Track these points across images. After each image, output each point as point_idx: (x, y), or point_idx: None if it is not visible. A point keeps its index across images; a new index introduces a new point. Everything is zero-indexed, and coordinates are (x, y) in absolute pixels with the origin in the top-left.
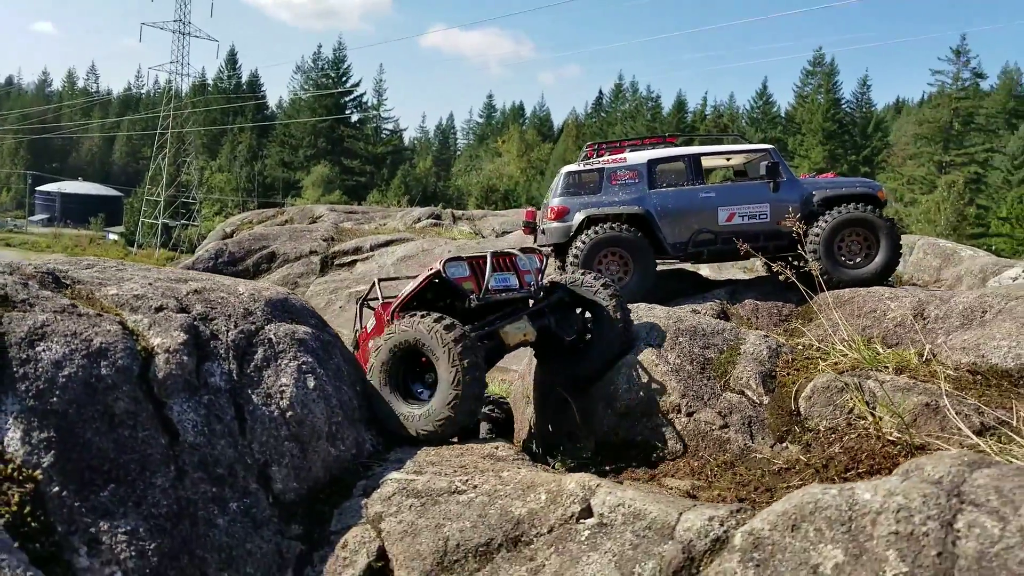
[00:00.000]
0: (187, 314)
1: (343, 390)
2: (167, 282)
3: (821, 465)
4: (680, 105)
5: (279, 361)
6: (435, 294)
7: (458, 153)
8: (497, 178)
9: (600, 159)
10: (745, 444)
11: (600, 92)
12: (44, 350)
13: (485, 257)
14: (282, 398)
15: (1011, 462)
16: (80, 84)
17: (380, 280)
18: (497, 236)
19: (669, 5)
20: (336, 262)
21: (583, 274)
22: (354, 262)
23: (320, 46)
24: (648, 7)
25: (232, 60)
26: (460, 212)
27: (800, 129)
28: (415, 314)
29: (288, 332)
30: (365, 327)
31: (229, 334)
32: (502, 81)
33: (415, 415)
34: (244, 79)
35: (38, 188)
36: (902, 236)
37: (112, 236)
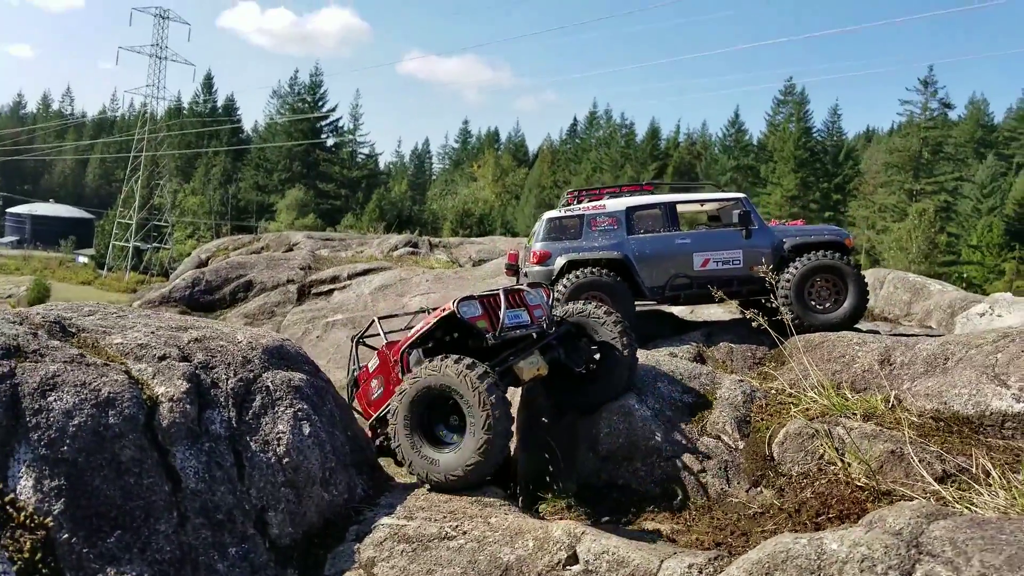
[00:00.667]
0: (189, 363)
1: (336, 435)
2: (169, 331)
3: (794, 510)
4: (654, 132)
5: (276, 408)
6: (444, 332)
7: (433, 177)
8: (472, 202)
9: (580, 205)
10: (722, 488)
11: (575, 119)
12: (55, 400)
13: (497, 295)
14: (279, 444)
15: (970, 509)
16: (55, 106)
17: (380, 318)
18: (474, 264)
19: (644, 34)
20: (313, 291)
21: (593, 306)
22: (331, 291)
23: (297, 71)
24: (624, 36)
25: (208, 84)
26: (437, 240)
27: (772, 157)
28: (443, 357)
29: (284, 379)
30: (366, 366)
31: (229, 382)
32: (478, 107)
33: (443, 460)
34: (220, 103)
35: (8, 210)
36: (874, 267)
37: (82, 259)
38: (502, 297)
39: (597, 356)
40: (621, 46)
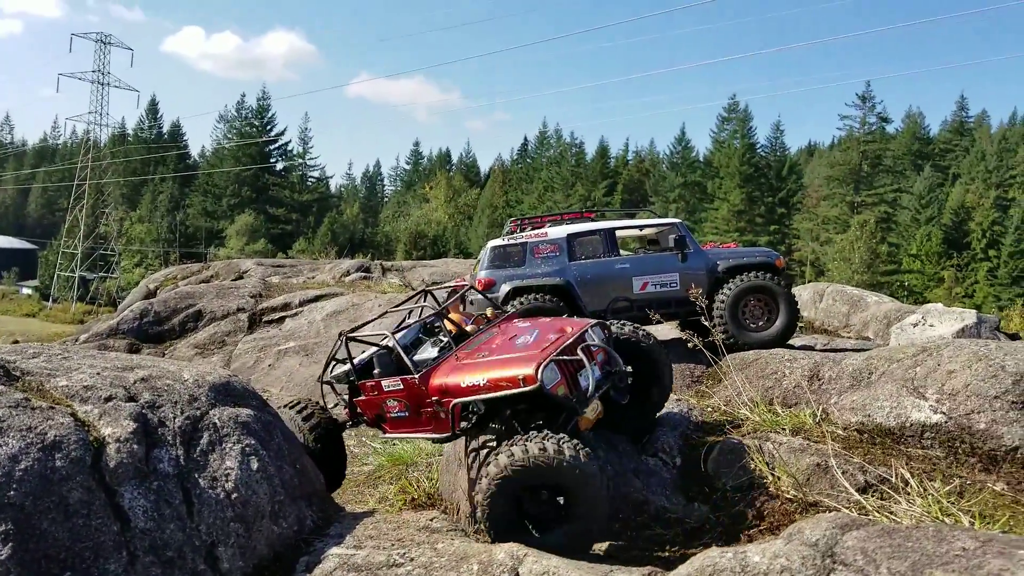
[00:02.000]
0: (135, 402)
1: (284, 469)
2: (114, 371)
3: (729, 523)
4: (603, 151)
5: (224, 444)
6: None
7: (386, 200)
8: (425, 224)
9: (523, 233)
10: (661, 505)
11: (525, 138)
12: (1, 445)
13: (577, 357)
14: (227, 480)
15: (889, 517)
16: None
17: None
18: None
19: (592, 54)
20: (264, 319)
21: (631, 327)
22: (283, 319)
23: (243, 95)
24: (571, 56)
25: (153, 110)
26: (390, 263)
27: (718, 173)
28: (543, 436)
29: (231, 416)
30: (378, 382)
31: (176, 420)
32: (429, 128)
33: (534, 542)
34: (165, 129)
35: None
36: (819, 278)
37: (26, 290)
38: (585, 362)
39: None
40: (569, 66)
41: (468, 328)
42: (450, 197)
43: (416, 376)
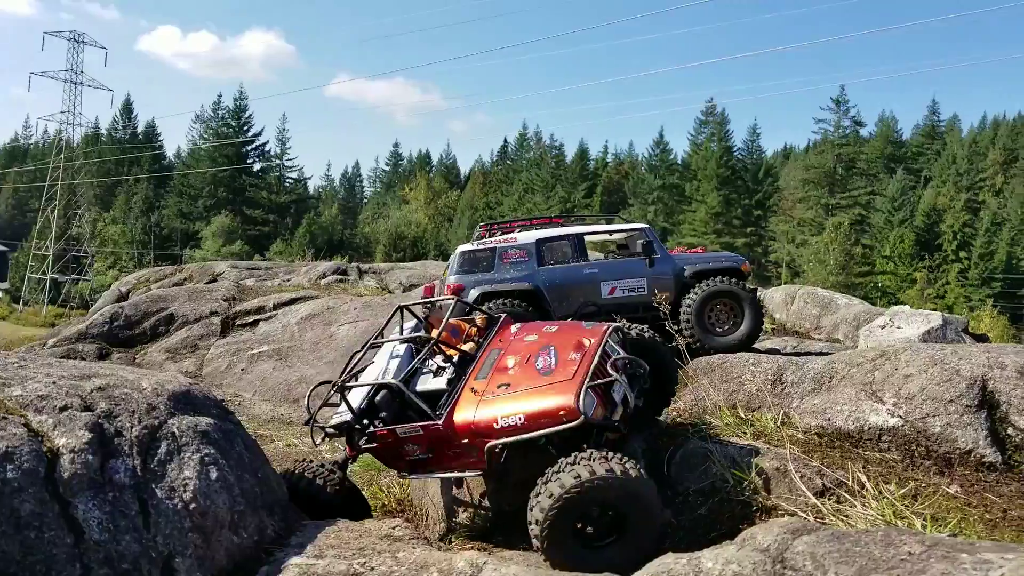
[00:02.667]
0: (91, 412)
1: (245, 478)
2: (71, 380)
3: (690, 527)
4: (583, 153)
5: (182, 454)
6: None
7: (365, 201)
8: (405, 225)
9: (492, 239)
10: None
11: (505, 140)
12: None
13: (611, 378)
14: (185, 491)
15: (844, 521)
16: None
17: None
18: (404, 290)
19: (571, 56)
20: (238, 323)
21: (641, 328)
22: (257, 322)
23: (220, 95)
24: (551, 58)
25: (127, 109)
26: (367, 266)
27: (696, 175)
28: (605, 456)
29: (191, 424)
30: (391, 430)
31: (133, 430)
32: (409, 129)
33: (594, 559)
34: (140, 129)
35: None
36: (794, 280)
37: None
38: (622, 383)
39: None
40: (550, 68)
41: (466, 347)
42: (430, 199)
43: (439, 422)
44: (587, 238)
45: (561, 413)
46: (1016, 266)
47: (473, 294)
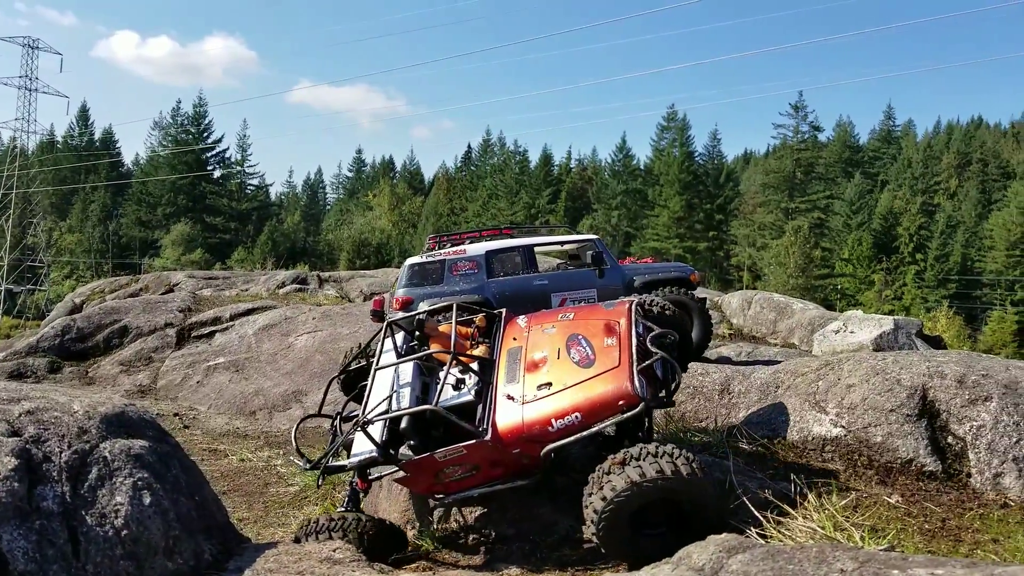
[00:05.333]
0: (19, 437)
1: (181, 502)
2: None
3: None
4: (546, 159)
5: (114, 479)
6: None
7: (328, 208)
8: (369, 232)
9: (442, 251)
10: (571, 525)
11: (469, 146)
12: None
13: (657, 355)
14: (117, 517)
15: (785, 535)
16: None
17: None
18: (365, 299)
19: (534, 63)
20: (194, 334)
21: (660, 305)
22: (213, 333)
23: (179, 101)
24: (515, 64)
25: (84, 116)
26: (327, 274)
27: (659, 180)
28: (669, 452)
29: (124, 448)
30: (431, 456)
31: (62, 455)
32: (372, 135)
33: (652, 551)
34: (97, 136)
35: None
36: (756, 283)
37: None
38: (675, 368)
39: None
40: (513, 74)
41: (479, 352)
42: (394, 205)
43: (487, 438)
44: (537, 250)
45: (620, 403)
46: (971, 267)
47: (422, 307)
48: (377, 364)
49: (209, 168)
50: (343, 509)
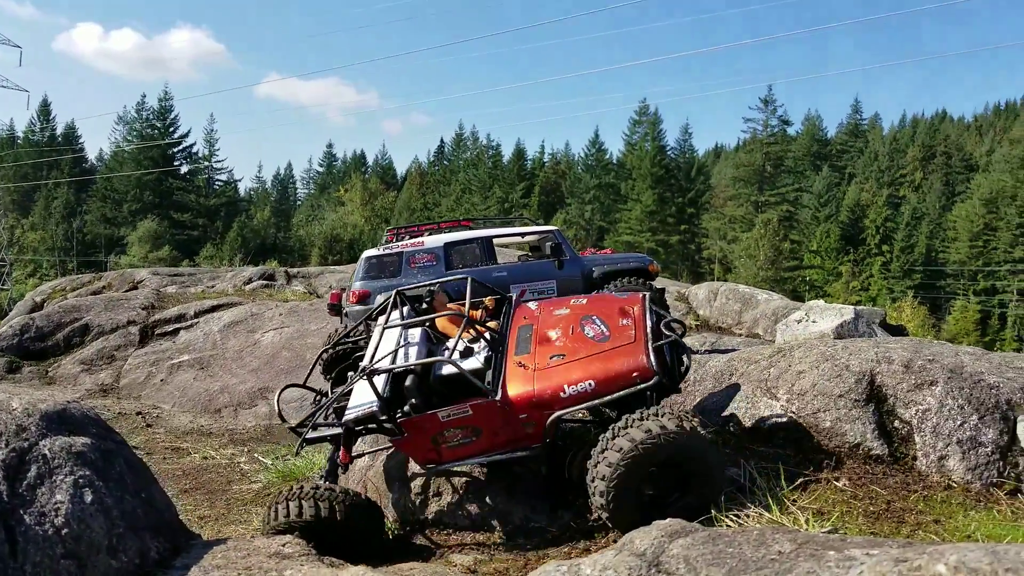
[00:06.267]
0: None
1: (125, 500)
2: None
3: (589, 531)
4: (519, 153)
5: (54, 477)
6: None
7: (298, 203)
8: (341, 227)
9: (399, 243)
10: (526, 515)
11: (442, 141)
12: None
13: (671, 336)
14: (57, 515)
15: (736, 519)
16: None
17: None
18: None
19: (507, 57)
20: (157, 332)
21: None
22: (177, 331)
23: (144, 95)
24: (487, 59)
25: (45, 111)
26: (296, 270)
27: (631, 175)
28: (666, 413)
29: (64, 446)
30: (434, 414)
31: None
32: (343, 129)
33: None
34: (60, 131)
35: None
36: (725, 276)
37: None
38: (667, 331)
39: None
40: (486, 68)
41: (491, 325)
42: (366, 200)
43: (496, 398)
44: (496, 242)
45: (635, 374)
46: (935, 258)
47: (379, 300)
48: (386, 324)
49: (176, 164)
50: (320, 478)
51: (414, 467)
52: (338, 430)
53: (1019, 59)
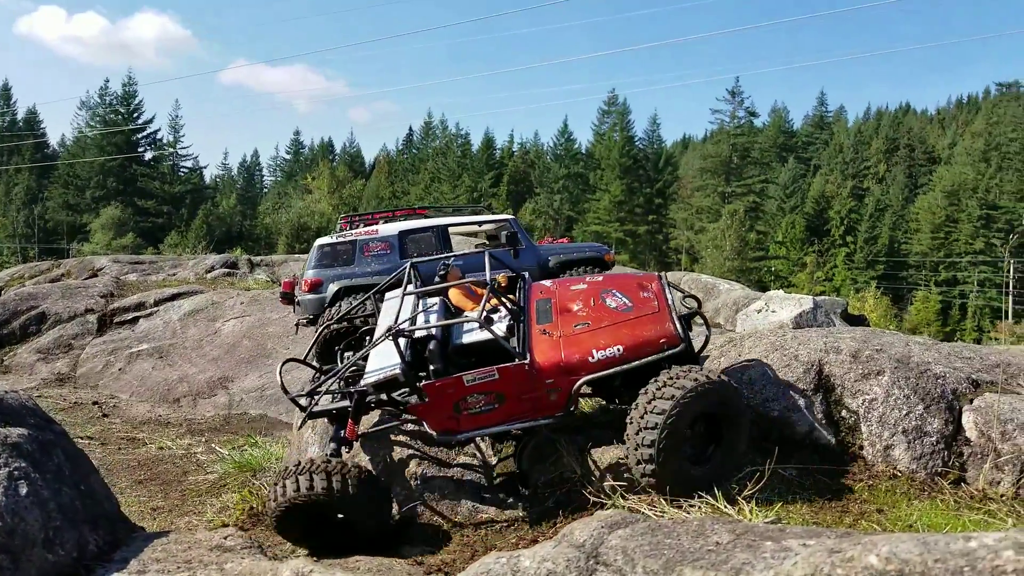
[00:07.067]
0: None
1: (63, 492)
2: None
3: (536, 520)
4: (488, 142)
5: None
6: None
7: (265, 191)
8: (308, 216)
9: (353, 231)
10: (474, 506)
11: (410, 129)
12: None
13: (694, 308)
14: None
15: (681, 510)
16: None
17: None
18: None
19: (475, 45)
20: (116, 320)
21: None
22: (136, 319)
23: (107, 80)
24: (456, 47)
25: (6, 95)
26: (259, 258)
27: (600, 165)
28: (695, 369)
29: None
30: (459, 378)
31: None
32: (311, 117)
33: (697, 475)
34: (21, 116)
35: None
36: (692, 266)
37: None
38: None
39: None
40: (455, 56)
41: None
42: (334, 188)
43: (526, 361)
44: (452, 230)
45: (662, 341)
46: (898, 249)
47: (331, 289)
48: (404, 291)
49: (140, 150)
50: (329, 453)
51: (367, 463)
52: (344, 403)
53: (981, 54)
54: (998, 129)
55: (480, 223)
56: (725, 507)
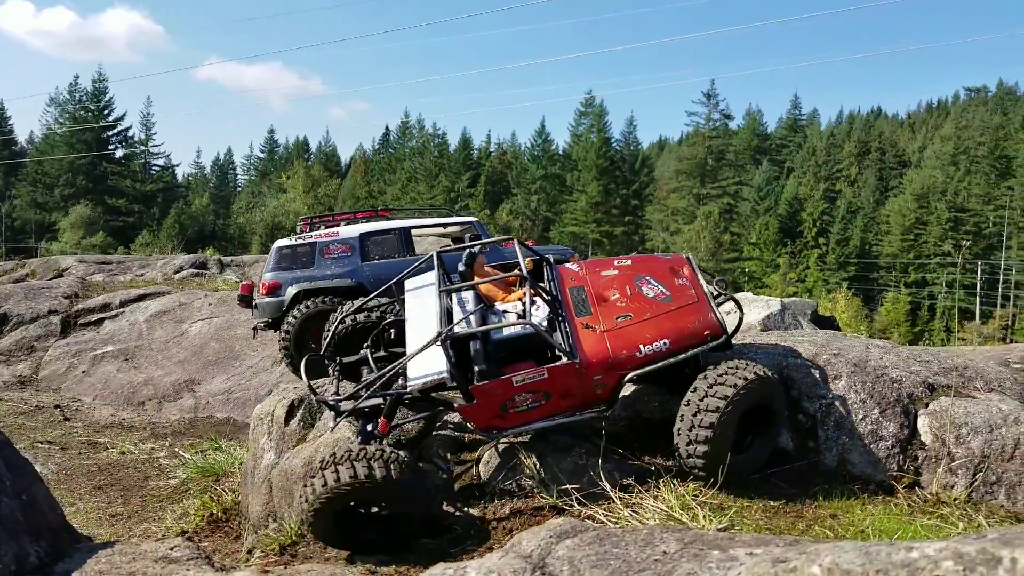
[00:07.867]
0: None
1: (2, 502)
2: None
3: (492, 528)
4: (466, 142)
5: None
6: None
7: (239, 190)
8: (283, 215)
9: (313, 233)
10: (434, 513)
11: (387, 128)
12: None
13: (728, 295)
14: None
15: (635, 517)
16: None
17: None
18: None
19: (452, 45)
20: (80, 321)
21: None
22: (101, 320)
23: (77, 76)
24: (434, 46)
25: None
26: (229, 258)
27: (577, 166)
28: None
29: None
30: (509, 379)
31: None
32: (286, 116)
33: (737, 461)
34: None
35: None
36: None
37: None
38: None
39: None
40: (432, 56)
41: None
42: (309, 187)
43: (576, 361)
44: (414, 232)
45: (707, 332)
46: (869, 251)
47: (290, 292)
48: (441, 288)
49: (111, 147)
50: (361, 441)
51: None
52: (376, 400)
53: (951, 59)
54: (966, 133)
55: (444, 225)
56: (680, 513)
